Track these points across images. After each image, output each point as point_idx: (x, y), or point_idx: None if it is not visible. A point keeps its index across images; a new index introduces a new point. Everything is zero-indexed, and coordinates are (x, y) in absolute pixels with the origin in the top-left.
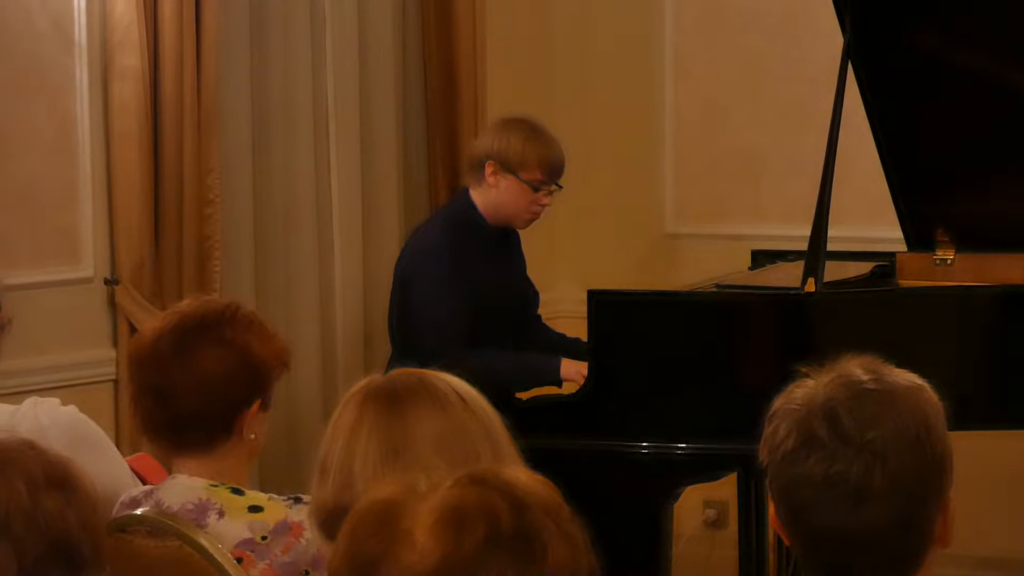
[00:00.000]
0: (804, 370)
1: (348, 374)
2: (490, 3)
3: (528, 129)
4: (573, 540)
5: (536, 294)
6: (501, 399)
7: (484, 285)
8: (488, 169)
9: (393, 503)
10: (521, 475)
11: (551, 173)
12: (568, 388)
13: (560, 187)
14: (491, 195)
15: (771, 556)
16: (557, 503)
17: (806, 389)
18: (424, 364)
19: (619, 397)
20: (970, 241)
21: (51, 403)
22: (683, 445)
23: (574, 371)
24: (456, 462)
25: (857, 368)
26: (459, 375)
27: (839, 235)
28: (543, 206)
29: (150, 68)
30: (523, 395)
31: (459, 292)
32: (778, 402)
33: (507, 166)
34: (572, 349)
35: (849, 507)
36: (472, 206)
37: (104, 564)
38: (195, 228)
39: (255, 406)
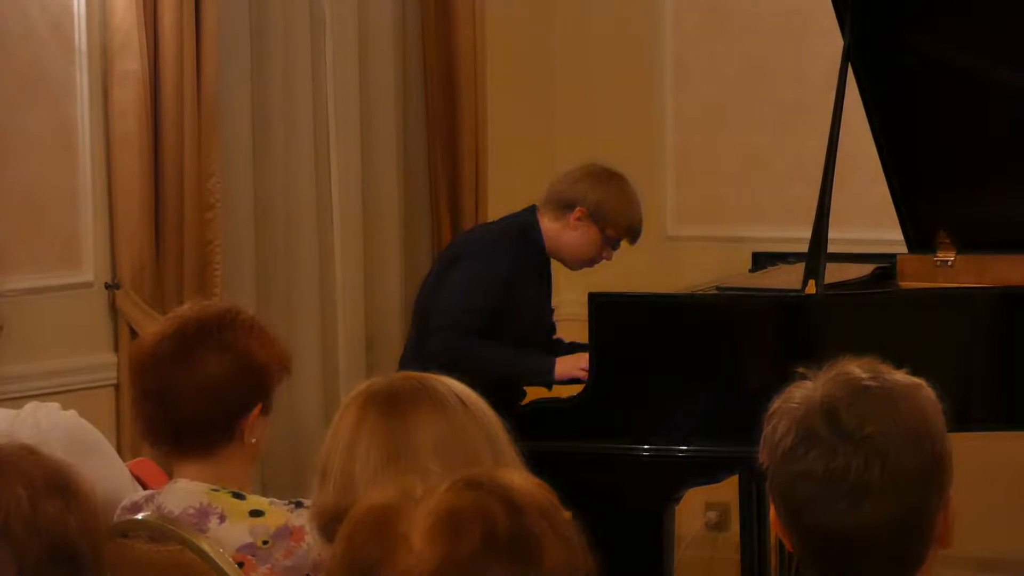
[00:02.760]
0: (802, 371)
1: (349, 378)
2: (490, 5)
3: (626, 191)
4: (569, 542)
5: (553, 326)
6: (502, 402)
7: (521, 301)
8: (576, 214)
9: (389, 508)
10: (517, 478)
11: (631, 235)
12: (574, 389)
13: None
14: (565, 235)
15: (773, 558)
16: (553, 506)
17: (804, 389)
18: (424, 340)
19: (620, 399)
20: (971, 242)
21: (51, 408)
22: (684, 447)
23: (571, 367)
24: (457, 466)
25: (856, 368)
26: (450, 357)
27: (840, 237)
28: (605, 259)
29: (150, 73)
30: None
31: (494, 295)
32: (777, 402)
33: (597, 218)
34: (572, 349)
35: (849, 504)
36: (537, 227)
37: (104, 569)
38: (196, 232)
39: (256, 410)
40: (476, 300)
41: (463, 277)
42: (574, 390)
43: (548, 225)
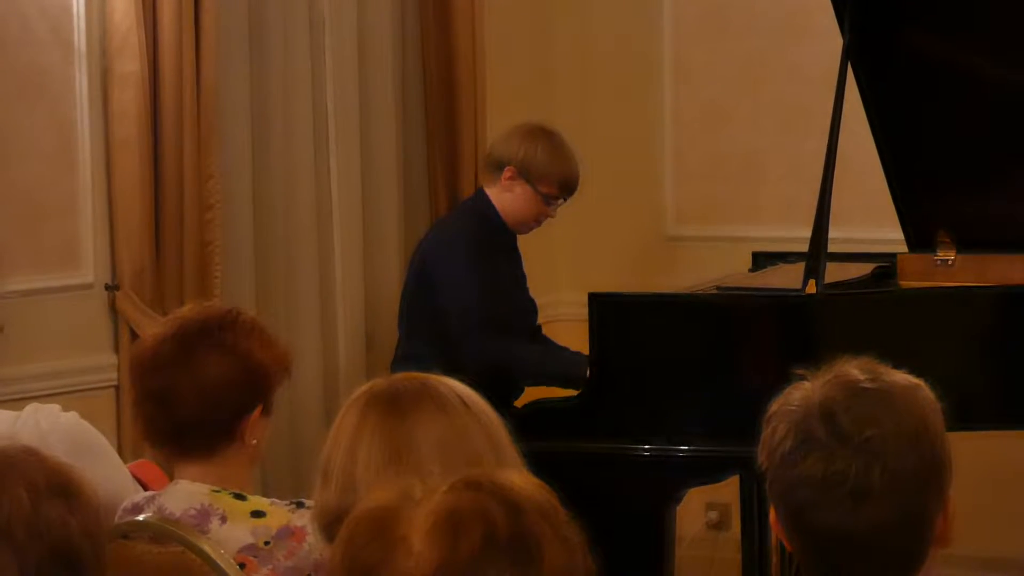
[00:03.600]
0: (801, 372)
1: (350, 378)
2: (489, 4)
3: (554, 144)
4: (569, 543)
5: (534, 303)
6: (504, 402)
7: (503, 282)
8: (506, 173)
9: (389, 509)
10: (516, 479)
11: (567, 190)
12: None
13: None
14: (503, 197)
15: (774, 558)
16: (553, 506)
17: (803, 391)
18: (453, 349)
19: (621, 400)
20: (971, 242)
21: (52, 409)
22: (685, 447)
23: None
24: (458, 466)
25: (854, 369)
26: (488, 361)
27: (840, 236)
28: (547, 216)
29: (149, 74)
30: (521, 400)
31: (484, 280)
32: (775, 405)
33: (526, 175)
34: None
35: (849, 507)
36: (491, 205)
37: (105, 571)
38: (195, 234)
39: (256, 412)
40: (475, 290)
41: (450, 277)
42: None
43: (490, 193)
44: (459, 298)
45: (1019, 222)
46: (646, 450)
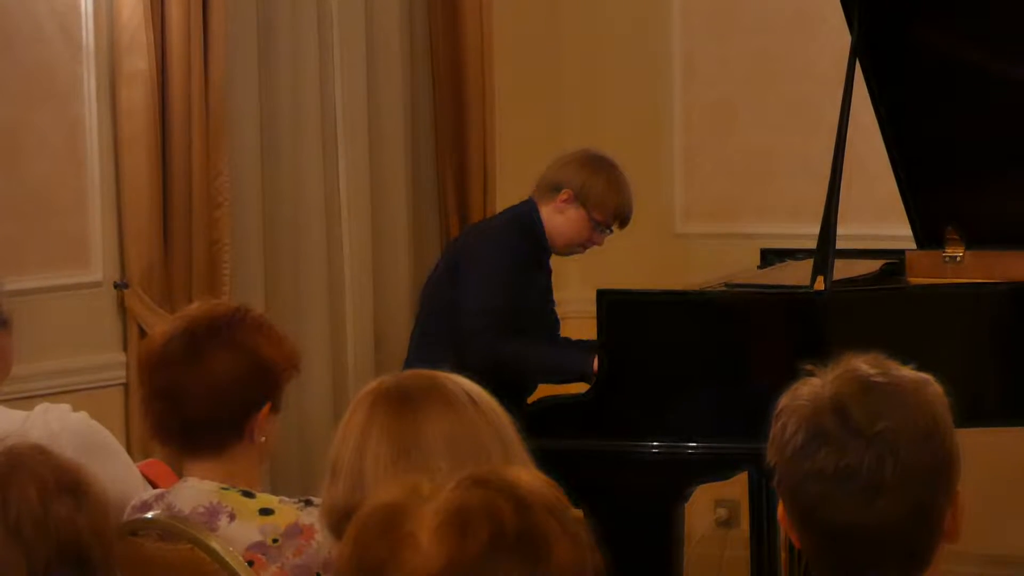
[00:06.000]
0: (809, 368)
1: (358, 376)
2: (498, 2)
3: (614, 175)
4: (578, 540)
5: (558, 321)
6: (512, 399)
7: (531, 292)
8: (563, 195)
9: (397, 506)
10: (524, 476)
11: (619, 221)
12: (584, 386)
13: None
14: (555, 218)
15: (783, 555)
16: (561, 503)
17: (811, 386)
18: (463, 345)
19: (629, 397)
20: (979, 238)
21: (61, 409)
22: (693, 444)
23: None
24: (467, 463)
25: (863, 364)
26: (494, 361)
27: (848, 233)
28: (595, 244)
29: (158, 72)
30: (530, 397)
31: (511, 285)
32: (784, 400)
33: (583, 200)
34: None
35: (861, 501)
36: (538, 218)
37: (115, 569)
38: (204, 231)
39: (265, 409)
40: (498, 293)
41: (477, 275)
42: (583, 387)
43: (542, 211)
44: (481, 297)
45: None
46: (655, 447)
